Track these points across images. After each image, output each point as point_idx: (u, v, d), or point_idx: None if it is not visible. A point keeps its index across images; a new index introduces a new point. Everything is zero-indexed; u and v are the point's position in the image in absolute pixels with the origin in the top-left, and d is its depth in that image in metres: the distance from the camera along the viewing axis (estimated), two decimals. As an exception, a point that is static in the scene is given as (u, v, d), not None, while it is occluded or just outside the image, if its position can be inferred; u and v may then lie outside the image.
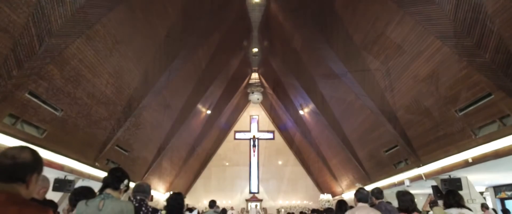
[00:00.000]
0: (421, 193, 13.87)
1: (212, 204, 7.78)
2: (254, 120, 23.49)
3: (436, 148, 9.15)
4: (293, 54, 13.65)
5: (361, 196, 3.86)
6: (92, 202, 2.37)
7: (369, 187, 9.43)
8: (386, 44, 8.58)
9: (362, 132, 12.55)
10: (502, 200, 12.84)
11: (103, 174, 10.59)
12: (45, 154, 7.90)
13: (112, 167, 2.64)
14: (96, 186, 2.83)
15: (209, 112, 16.72)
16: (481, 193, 12.34)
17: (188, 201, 20.50)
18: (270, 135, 23.07)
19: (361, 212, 3.70)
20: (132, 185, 3.09)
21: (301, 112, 16.60)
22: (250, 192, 21.98)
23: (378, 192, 4.47)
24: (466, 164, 8.23)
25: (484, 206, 8.87)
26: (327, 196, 19.30)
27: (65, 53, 6.79)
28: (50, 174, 9.12)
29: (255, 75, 19.53)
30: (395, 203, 4.77)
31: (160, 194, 17.14)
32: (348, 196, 16.51)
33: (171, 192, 4.37)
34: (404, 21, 7.60)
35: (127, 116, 10.22)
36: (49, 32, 6.03)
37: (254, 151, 22.58)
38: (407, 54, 8.14)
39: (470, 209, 4.02)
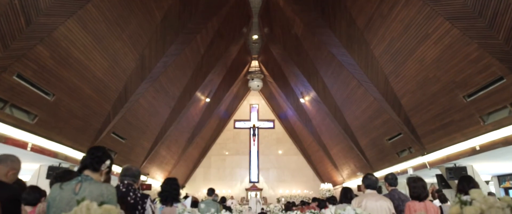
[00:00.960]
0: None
1: (211, 192, 7.51)
2: (254, 108, 23.18)
3: (442, 136, 8.86)
4: (294, 40, 13.30)
5: (369, 182, 3.57)
6: (67, 185, 2.07)
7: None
8: (392, 27, 8.23)
9: (365, 120, 12.25)
10: (506, 190, 12.61)
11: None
12: (37, 140, 7.63)
13: (91, 146, 2.33)
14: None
15: (208, 100, 16.41)
16: (487, 183, 12.11)
17: (188, 190, 20.32)
18: (270, 124, 22.78)
19: (370, 200, 3.41)
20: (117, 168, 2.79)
21: (301, 100, 16.29)
22: (250, 181, 21.77)
23: (392, 178, 4.15)
24: (473, 152, 7.96)
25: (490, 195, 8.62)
26: (327, 185, 19.10)
27: (55, 34, 6.46)
28: (43, 162, 8.91)
29: (255, 63, 19.15)
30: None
31: (159, 183, 16.91)
32: (349, 185, 16.28)
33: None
34: (411, 2, 7.24)
35: (123, 102, 9.91)
36: (36, 11, 5.69)
37: (254, 140, 22.31)
38: (414, 38, 7.80)
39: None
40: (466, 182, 3.71)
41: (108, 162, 2.26)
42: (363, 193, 3.62)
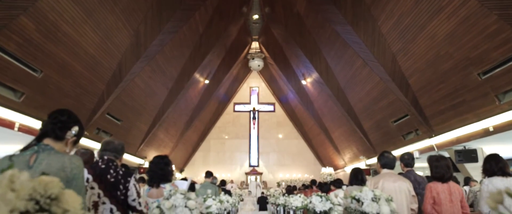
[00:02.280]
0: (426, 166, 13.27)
1: (208, 175, 7.13)
2: (254, 91, 22.74)
3: (452, 117, 8.44)
4: (296, 19, 12.77)
5: (386, 161, 3.16)
6: (19, 157, 1.65)
7: (374, 160, 8.89)
8: (401, 1, 7.73)
9: (369, 101, 11.81)
10: (513, 174, 12.27)
11: (93, 144, 9.92)
12: (25, 119, 7.19)
13: (64, 112, 1.89)
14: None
15: (207, 81, 15.93)
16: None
17: (186, 174, 20.06)
18: (270, 107, 22.39)
19: (387, 180, 3.01)
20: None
21: (303, 82, 15.83)
22: (250, 166, 21.50)
23: (409, 158, 3.76)
24: (485, 133, 7.55)
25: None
26: (329, 170, 18.82)
27: (39, 4, 5.97)
28: (34, 143, 8.47)
29: (255, 44, 18.63)
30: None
31: (157, 167, 16.56)
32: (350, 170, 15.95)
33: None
34: (424, -27, 6.75)
35: (117, 81, 9.46)
36: (17, -24, 5.21)
37: (254, 124, 21.96)
38: (425, 12, 7.30)
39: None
40: (495, 162, 3.30)
41: (75, 129, 1.83)
42: (380, 173, 3.23)
